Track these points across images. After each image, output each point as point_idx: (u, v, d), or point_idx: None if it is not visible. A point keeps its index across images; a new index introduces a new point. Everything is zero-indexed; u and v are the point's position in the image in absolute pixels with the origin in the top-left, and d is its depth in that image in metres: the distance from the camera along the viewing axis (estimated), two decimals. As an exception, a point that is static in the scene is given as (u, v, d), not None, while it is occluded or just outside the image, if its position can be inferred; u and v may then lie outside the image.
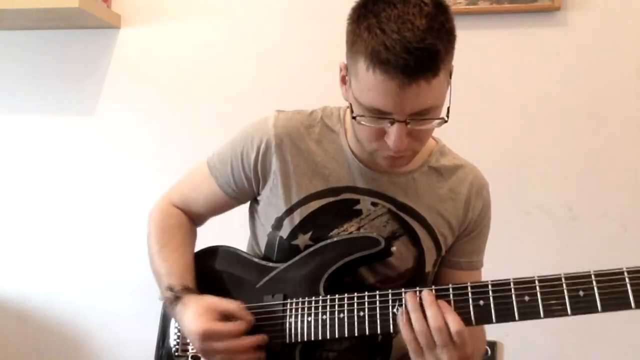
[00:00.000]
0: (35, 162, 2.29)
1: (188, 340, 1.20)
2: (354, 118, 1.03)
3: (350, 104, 1.05)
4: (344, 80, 1.08)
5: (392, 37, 0.92)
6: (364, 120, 1.01)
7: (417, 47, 0.91)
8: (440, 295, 1.00)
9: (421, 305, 0.99)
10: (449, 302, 0.99)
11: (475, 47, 1.97)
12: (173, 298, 1.16)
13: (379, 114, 0.99)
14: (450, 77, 1.04)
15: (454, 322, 0.95)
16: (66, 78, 2.25)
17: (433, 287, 1.02)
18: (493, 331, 1.07)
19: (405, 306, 1.00)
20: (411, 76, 0.93)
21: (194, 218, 1.32)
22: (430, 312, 0.97)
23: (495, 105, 2.00)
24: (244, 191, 1.24)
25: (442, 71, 0.96)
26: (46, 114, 2.27)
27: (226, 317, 1.10)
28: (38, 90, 2.27)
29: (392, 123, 0.99)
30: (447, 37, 0.96)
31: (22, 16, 2.11)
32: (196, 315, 1.09)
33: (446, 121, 1.02)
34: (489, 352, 1.96)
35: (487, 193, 1.23)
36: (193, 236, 1.32)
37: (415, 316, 0.98)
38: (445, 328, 0.96)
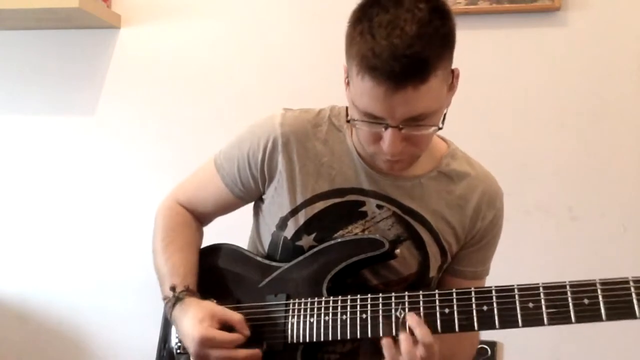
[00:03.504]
0: (35, 162, 2.29)
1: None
2: (348, 121, 1.04)
3: (347, 107, 1.06)
4: (346, 82, 1.08)
5: (380, 43, 0.92)
6: (359, 124, 1.02)
7: (404, 54, 0.91)
8: (443, 299, 1.00)
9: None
10: (451, 306, 0.99)
11: (475, 47, 1.97)
12: (174, 299, 1.15)
13: (372, 119, 0.99)
14: (454, 81, 1.03)
15: (424, 335, 0.97)
16: (66, 78, 2.25)
17: (437, 291, 1.01)
18: (493, 331, 1.07)
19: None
20: (397, 83, 0.92)
21: (200, 217, 1.31)
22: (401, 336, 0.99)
23: (494, 105, 2.00)
24: (250, 190, 1.23)
25: (433, 78, 0.95)
26: (46, 114, 2.27)
27: (226, 326, 1.09)
28: (38, 90, 2.27)
29: (386, 128, 0.99)
30: (441, 42, 0.95)
31: (22, 16, 2.11)
32: (196, 320, 1.08)
33: (440, 128, 1.02)
34: (489, 352, 1.96)
35: (501, 203, 1.21)
36: (199, 235, 1.30)
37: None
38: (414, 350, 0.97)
